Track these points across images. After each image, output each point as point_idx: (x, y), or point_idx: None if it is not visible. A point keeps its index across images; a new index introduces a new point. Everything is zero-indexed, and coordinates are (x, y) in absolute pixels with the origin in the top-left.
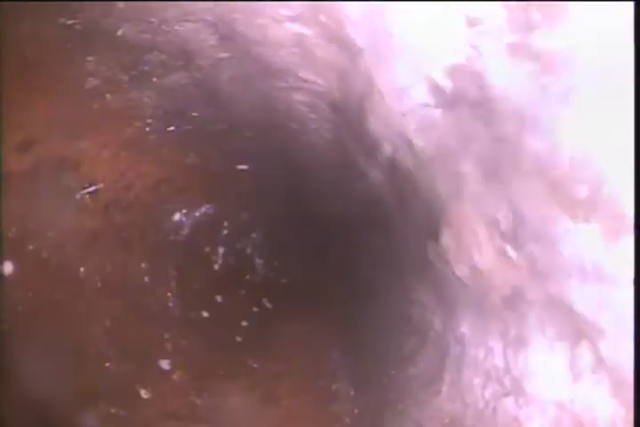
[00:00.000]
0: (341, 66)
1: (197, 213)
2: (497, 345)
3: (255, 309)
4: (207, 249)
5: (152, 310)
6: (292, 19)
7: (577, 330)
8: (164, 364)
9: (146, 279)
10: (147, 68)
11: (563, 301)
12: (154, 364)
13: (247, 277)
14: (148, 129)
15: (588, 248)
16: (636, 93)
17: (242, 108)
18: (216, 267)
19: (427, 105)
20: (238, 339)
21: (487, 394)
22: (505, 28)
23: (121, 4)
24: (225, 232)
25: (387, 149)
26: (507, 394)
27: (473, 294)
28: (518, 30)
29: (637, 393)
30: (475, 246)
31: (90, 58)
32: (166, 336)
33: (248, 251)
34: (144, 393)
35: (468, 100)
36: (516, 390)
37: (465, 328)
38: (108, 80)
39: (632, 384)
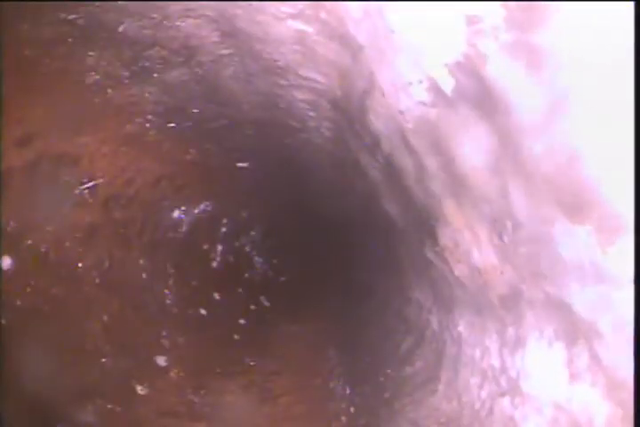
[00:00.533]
0: (342, 63)
1: (196, 211)
2: (494, 345)
3: (253, 307)
4: (205, 246)
5: (150, 306)
6: (294, 16)
7: (574, 330)
8: (161, 361)
9: (144, 276)
10: (148, 63)
11: (561, 301)
12: (150, 360)
13: (246, 275)
14: (148, 125)
15: (587, 248)
16: (636, 93)
17: (242, 106)
18: (214, 264)
19: (424, 103)
20: (236, 337)
21: (483, 394)
22: (504, 26)
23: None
24: (224, 230)
25: (386, 147)
26: (503, 394)
27: (470, 293)
28: (517, 29)
29: (637, 393)
30: (474, 246)
31: (91, 53)
32: (163, 333)
33: (247, 249)
34: (140, 389)
35: (466, 98)
36: (513, 389)
37: (462, 328)
38: (108, 75)
39: (629, 385)
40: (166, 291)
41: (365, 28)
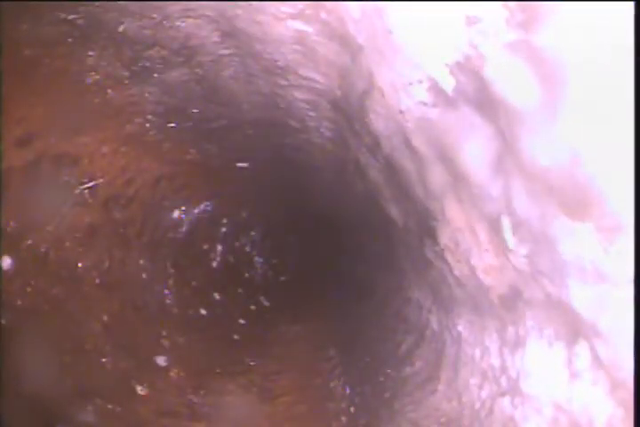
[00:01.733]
0: (342, 63)
1: (196, 211)
2: (493, 344)
3: (253, 307)
4: (205, 246)
5: (150, 306)
6: (294, 16)
7: (574, 329)
8: (161, 361)
9: (144, 276)
10: (148, 63)
11: (561, 300)
12: (150, 360)
13: (246, 275)
14: (148, 125)
15: (587, 248)
16: (636, 93)
17: (242, 106)
18: (214, 264)
19: (425, 103)
20: (236, 337)
21: (483, 394)
22: (504, 26)
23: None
24: (224, 230)
25: (386, 147)
26: (503, 394)
27: (470, 293)
28: (518, 29)
29: (638, 393)
30: (474, 246)
31: (91, 53)
32: (164, 333)
33: (247, 249)
34: (140, 390)
35: (466, 98)
36: (513, 389)
37: (461, 327)
38: (108, 75)
39: (630, 384)
40: (166, 291)
41: (365, 28)
